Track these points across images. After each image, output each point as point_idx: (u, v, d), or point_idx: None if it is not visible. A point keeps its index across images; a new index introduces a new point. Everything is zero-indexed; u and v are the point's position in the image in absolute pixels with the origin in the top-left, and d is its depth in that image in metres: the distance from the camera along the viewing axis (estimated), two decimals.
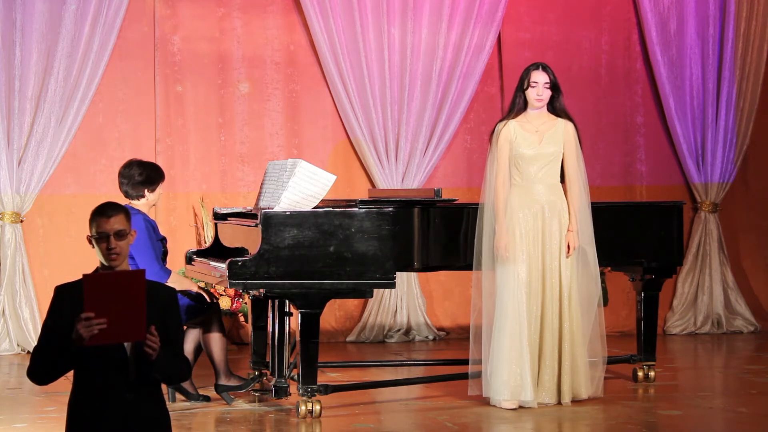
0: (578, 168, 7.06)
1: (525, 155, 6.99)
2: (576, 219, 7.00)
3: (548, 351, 6.92)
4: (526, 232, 6.95)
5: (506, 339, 6.87)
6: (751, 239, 11.02)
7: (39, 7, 9.51)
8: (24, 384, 8.24)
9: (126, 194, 7.14)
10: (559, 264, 6.96)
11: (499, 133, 7.04)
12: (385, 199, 6.99)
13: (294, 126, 10.16)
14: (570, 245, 6.96)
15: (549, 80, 7.05)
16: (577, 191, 7.03)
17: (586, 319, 7.05)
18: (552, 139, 7.02)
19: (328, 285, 6.68)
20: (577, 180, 7.04)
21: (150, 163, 7.27)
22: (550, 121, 7.08)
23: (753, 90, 10.80)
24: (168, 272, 6.96)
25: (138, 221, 7.01)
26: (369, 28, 10.13)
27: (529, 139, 7.01)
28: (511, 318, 6.88)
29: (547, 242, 6.97)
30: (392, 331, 10.19)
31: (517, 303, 6.89)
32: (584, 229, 7.04)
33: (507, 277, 6.91)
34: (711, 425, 6.81)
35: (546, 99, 7.06)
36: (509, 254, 6.89)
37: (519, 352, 6.86)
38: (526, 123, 7.06)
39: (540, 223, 6.97)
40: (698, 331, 10.64)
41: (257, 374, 7.40)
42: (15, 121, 9.52)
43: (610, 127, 10.71)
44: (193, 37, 9.99)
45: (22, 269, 9.55)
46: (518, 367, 6.85)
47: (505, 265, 6.91)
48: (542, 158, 7.00)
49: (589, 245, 7.06)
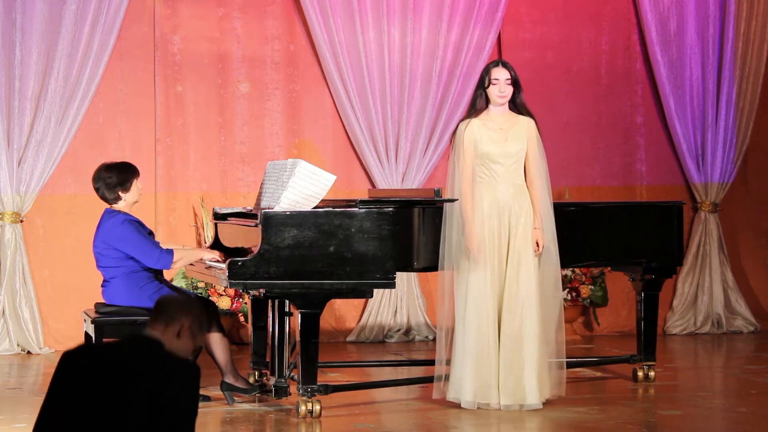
0: (541, 165, 7.01)
1: (491, 153, 6.94)
2: (540, 217, 6.96)
3: (509, 352, 6.87)
4: (490, 233, 6.92)
5: (473, 341, 6.85)
6: (751, 239, 11.02)
7: (39, 7, 9.51)
8: (24, 384, 8.24)
9: (104, 199, 7.12)
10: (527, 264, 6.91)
11: (463, 132, 6.98)
12: (385, 199, 6.99)
13: (294, 126, 10.16)
14: (538, 242, 6.93)
15: (510, 76, 7.01)
16: (540, 188, 6.99)
17: (548, 319, 6.99)
18: (516, 137, 6.98)
19: (328, 285, 6.68)
20: (540, 177, 7.00)
21: (119, 164, 7.20)
22: (513, 118, 7.04)
23: (753, 90, 10.80)
24: (170, 251, 6.95)
25: (119, 220, 7.00)
26: (369, 28, 10.13)
27: (494, 137, 6.96)
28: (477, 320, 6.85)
29: (512, 242, 6.92)
30: (392, 331, 10.19)
31: (484, 305, 6.86)
32: (547, 226, 6.99)
33: (473, 278, 6.88)
34: (711, 425, 6.81)
35: (508, 96, 7.02)
36: (480, 255, 6.86)
37: (486, 356, 6.84)
38: (488, 121, 7.01)
39: (505, 222, 6.93)
40: (698, 331, 10.64)
41: (262, 383, 7.39)
42: (15, 121, 9.52)
43: (610, 127, 10.71)
44: (193, 37, 9.99)
45: (22, 269, 9.55)
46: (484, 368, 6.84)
47: (474, 265, 6.88)
48: (508, 156, 6.96)
49: (553, 244, 7.01)
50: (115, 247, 6.97)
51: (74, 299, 9.52)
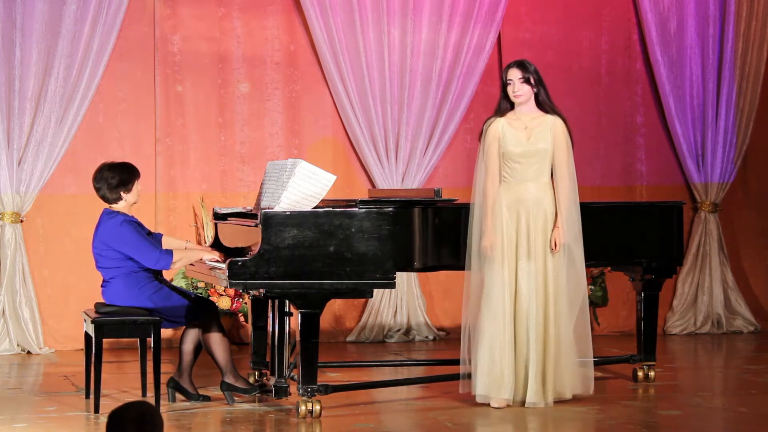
0: (568, 164, 7.02)
1: (513, 152, 6.97)
2: (563, 215, 6.97)
3: (533, 351, 6.89)
4: (511, 232, 6.93)
5: (489, 338, 6.87)
6: (751, 239, 11.02)
7: (39, 7, 9.51)
8: (24, 384, 8.24)
9: (104, 199, 7.11)
10: (545, 263, 6.93)
11: (487, 130, 7.02)
12: (385, 199, 6.99)
13: (294, 126, 10.16)
14: (556, 241, 6.94)
15: (522, 75, 7.00)
16: (566, 188, 6.99)
17: (571, 319, 7.00)
18: (541, 136, 7.00)
19: (328, 285, 6.67)
20: (567, 176, 7.00)
21: (121, 164, 7.20)
22: (540, 117, 7.05)
23: (753, 90, 10.80)
24: (170, 252, 6.94)
25: (118, 221, 6.99)
26: (369, 28, 10.13)
27: (518, 135, 6.98)
28: (496, 318, 6.87)
29: (532, 242, 6.94)
30: (392, 331, 10.19)
31: (503, 303, 6.88)
32: (571, 226, 6.98)
33: (493, 277, 6.90)
34: (711, 425, 6.81)
35: (524, 94, 7.03)
36: (495, 254, 6.88)
37: (502, 352, 6.86)
38: (514, 120, 7.04)
39: (525, 222, 6.94)
40: (698, 331, 10.64)
41: (262, 383, 7.39)
42: (15, 121, 9.52)
43: (610, 127, 10.71)
44: (193, 37, 9.99)
45: (22, 269, 9.55)
46: (501, 366, 6.85)
47: (492, 264, 6.90)
48: (531, 155, 6.97)
49: (575, 243, 7.00)
50: (114, 248, 6.97)
51: (74, 299, 9.53)
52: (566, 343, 6.95)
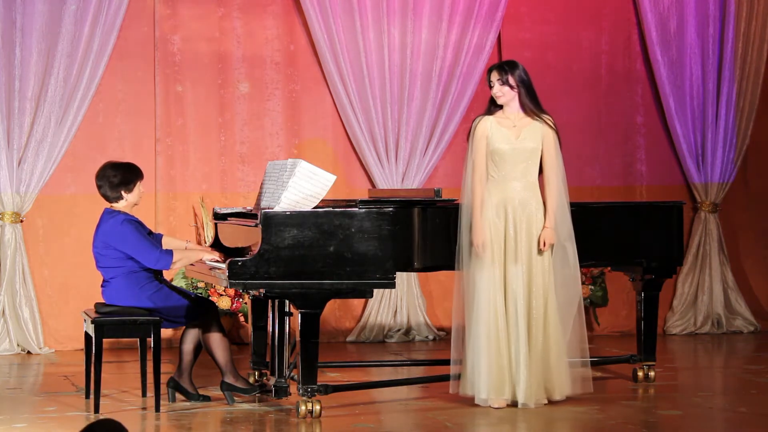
0: (557, 164, 7.02)
1: (500, 150, 6.97)
2: (553, 216, 6.96)
3: (522, 353, 6.88)
4: (499, 233, 6.92)
5: (483, 338, 6.86)
6: (751, 239, 11.02)
7: (39, 7, 9.51)
8: (24, 384, 8.24)
9: (105, 197, 7.11)
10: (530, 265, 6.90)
11: (476, 128, 7.03)
12: (385, 199, 6.99)
13: (294, 126, 10.17)
14: (545, 242, 6.93)
15: (500, 78, 7.02)
16: (555, 187, 6.99)
17: (568, 319, 6.99)
18: (530, 135, 7.00)
19: (328, 285, 6.68)
20: (555, 176, 7.00)
21: (125, 164, 7.20)
22: (529, 116, 7.07)
23: (753, 90, 10.81)
24: (170, 252, 6.94)
25: (119, 221, 6.99)
26: (369, 28, 10.13)
27: (506, 134, 6.99)
28: (487, 317, 6.86)
29: (518, 243, 6.93)
30: (392, 331, 10.19)
31: (494, 302, 6.87)
32: (563, 226, 6.98)
33: (483, 276, 6.90)
34: (711, 425, 6.81)
35: (504, 95, 7.03)
36: (486, 252, 6.87)
37: (497, 352, 6.85)
38: (504, 119, 7.05)
39: (512, 224, 6.93)
40: (698, 331, 10.64)
41: (262, 383, 7.39)
42: (15, 121, 9.52)
43: (610, 127, 10.71)
44: (193, 37, 9.99)
45: (22, 269, 9.55)
46: (497, 366, 6.85)
47: (482, 263, 6.90)
48: (518, 153, 6.97)
49: (569, 243, 7.01)
50: (114, 248, 6.97)
51: (74, 299, 9.53)
52: (555, 343, 6.93)
